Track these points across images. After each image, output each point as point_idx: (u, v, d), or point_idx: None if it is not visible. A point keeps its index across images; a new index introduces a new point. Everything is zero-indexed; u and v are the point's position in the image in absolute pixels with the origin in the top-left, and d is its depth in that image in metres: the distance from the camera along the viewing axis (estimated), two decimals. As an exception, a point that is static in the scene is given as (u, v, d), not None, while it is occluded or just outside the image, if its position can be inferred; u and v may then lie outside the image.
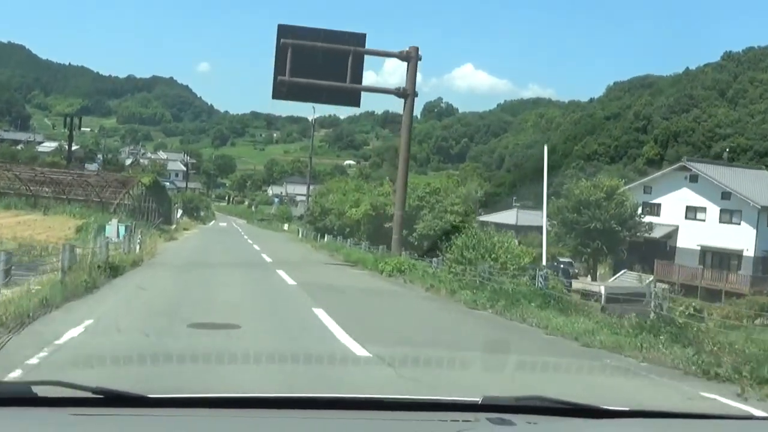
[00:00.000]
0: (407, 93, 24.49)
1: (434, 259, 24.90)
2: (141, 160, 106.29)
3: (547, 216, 40.22)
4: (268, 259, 27.08)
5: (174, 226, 48.50)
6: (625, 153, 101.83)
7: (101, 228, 27.81)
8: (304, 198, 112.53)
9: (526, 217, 58.36)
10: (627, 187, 48.84)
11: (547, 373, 7.96)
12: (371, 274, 23.26)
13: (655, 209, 49.84)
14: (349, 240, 40.53)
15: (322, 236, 46.69)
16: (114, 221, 28.19)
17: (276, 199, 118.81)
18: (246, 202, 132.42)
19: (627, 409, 3.05)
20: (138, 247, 22.05)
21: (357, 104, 25.12)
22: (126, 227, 27.19)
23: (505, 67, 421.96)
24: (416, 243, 40.17)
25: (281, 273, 20.34)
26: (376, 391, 6.08)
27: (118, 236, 26.31)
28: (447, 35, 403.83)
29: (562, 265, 42.08)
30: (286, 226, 77.69)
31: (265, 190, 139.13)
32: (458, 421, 2.65)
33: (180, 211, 65.18)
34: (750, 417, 4.68)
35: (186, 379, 6.45)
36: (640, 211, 47.59)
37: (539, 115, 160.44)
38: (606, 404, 3.01)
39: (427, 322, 13.47)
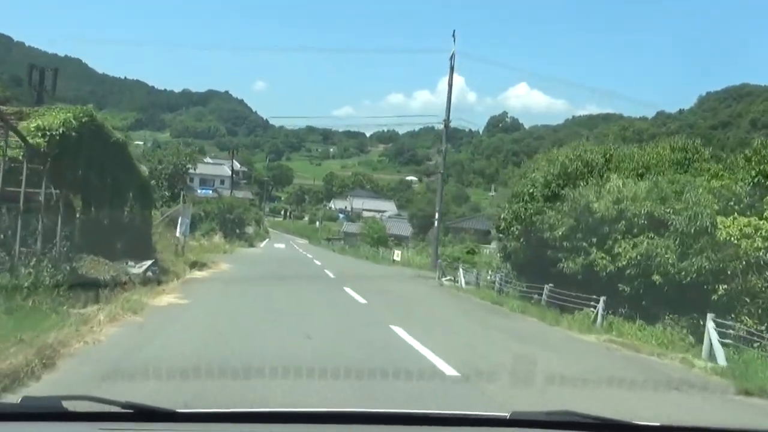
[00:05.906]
0: None
1: None
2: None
3: None
4: None
5: (141, 269, 16.55)
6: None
7: None
8: (371, 213, 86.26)
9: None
10: None
11: None
12: None
13: None
14: (667, 321, 12.38)
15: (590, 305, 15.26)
16: None
17: (341, 215, 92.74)
18: (306, 218, 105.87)
19: (658, 424, 2.76)
20: None
21: None
22: None
23: (561, 86, 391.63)
24: None
25: None
26: None
27: None
28: (501, 54, 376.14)
29: None
30: (397, 255, 42.90)
31: (327, 205, 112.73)
32: None
33: (186, 222, 27.24)
34: None
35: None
36: None
37: (623, 127, 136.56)
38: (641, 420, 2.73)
39: None
